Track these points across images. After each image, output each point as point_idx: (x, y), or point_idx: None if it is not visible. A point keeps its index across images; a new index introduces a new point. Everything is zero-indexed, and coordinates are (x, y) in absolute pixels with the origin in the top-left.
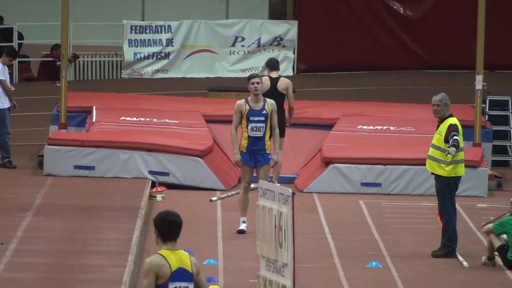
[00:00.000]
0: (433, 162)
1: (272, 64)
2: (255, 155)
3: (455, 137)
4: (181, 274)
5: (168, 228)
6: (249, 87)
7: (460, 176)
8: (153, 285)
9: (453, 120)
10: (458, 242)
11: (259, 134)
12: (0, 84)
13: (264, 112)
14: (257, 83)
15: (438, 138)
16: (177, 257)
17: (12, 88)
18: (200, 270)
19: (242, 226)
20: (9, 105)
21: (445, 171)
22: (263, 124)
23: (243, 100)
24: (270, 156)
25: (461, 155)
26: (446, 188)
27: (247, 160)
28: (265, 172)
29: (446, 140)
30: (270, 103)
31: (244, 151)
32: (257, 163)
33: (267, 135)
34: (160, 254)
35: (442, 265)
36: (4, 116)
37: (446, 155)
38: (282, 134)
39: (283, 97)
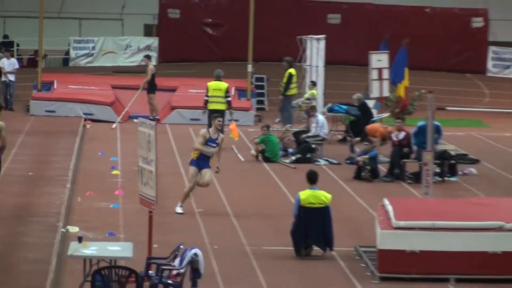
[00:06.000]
0: None
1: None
2: (201, 165)
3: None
4: None
5: None
6: (215, 122)
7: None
8: None
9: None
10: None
11: (209, 153)
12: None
13: (217, 141)
14: (221, 121)
15: None
16: None
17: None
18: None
19: (179, 209)
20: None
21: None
22: (215, 148)
23: (205, 130)
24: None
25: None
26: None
27: (195, 165)
28: (205, 173)
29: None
30: (221, 137)
31: (195, 159)
32: (201, 167)
33: (212, 158)
34: None
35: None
36: (10, 85)
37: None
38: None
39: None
